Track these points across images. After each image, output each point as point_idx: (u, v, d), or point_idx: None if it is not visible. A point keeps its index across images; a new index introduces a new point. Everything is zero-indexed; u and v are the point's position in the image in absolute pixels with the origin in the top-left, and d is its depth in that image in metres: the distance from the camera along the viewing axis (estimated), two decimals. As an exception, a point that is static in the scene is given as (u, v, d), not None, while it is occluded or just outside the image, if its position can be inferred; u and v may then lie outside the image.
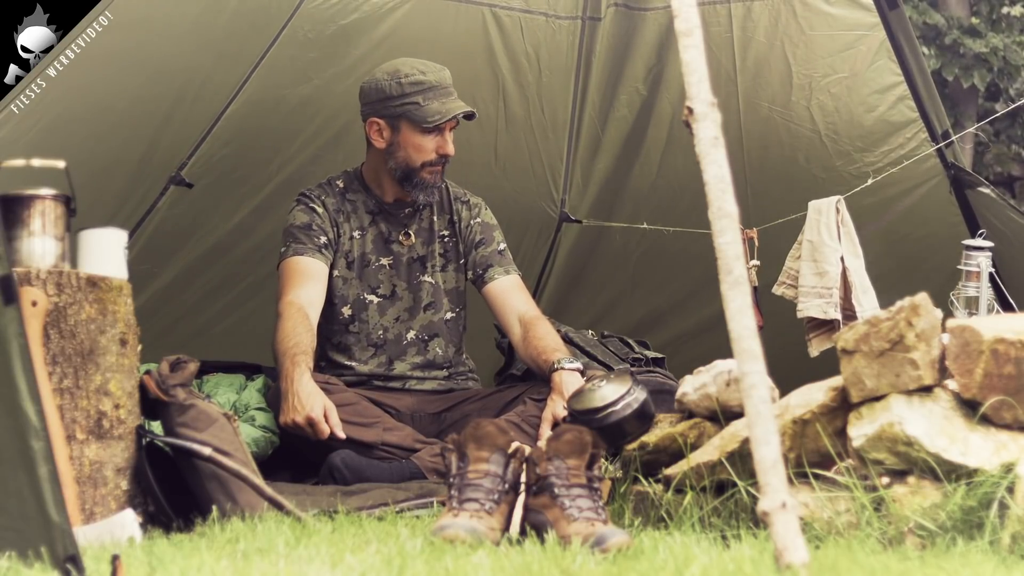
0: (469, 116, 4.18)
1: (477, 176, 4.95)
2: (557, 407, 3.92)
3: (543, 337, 4.13)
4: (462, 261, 4.33)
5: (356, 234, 4.24)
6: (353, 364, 4.21)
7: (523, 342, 4.17)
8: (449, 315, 4.30)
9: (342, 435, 3.84)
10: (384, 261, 4.25)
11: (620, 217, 5.28)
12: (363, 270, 4.24)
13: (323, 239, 4.18)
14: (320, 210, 4.21)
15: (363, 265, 4.24)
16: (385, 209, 4.27)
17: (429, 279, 4.28)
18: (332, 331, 4.23)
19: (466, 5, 4.86)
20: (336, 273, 4.21)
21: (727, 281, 2.50)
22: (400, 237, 4.26)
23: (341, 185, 4.28)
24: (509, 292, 4.28)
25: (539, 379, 4.12)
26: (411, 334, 4.25)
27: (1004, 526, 2.64)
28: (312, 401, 3.82)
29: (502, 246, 4.35)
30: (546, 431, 3.90)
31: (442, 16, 4.82)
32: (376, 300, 4.23)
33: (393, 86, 4.14)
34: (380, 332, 4.22)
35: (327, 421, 3.82)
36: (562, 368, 4.00)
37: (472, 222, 4.34)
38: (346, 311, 4.22)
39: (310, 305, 4.08)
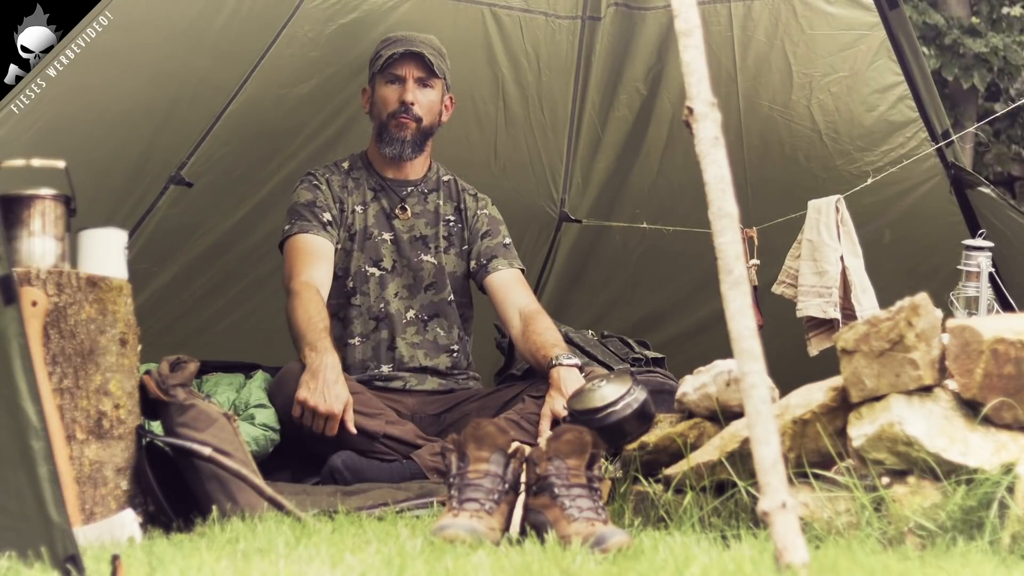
0: (419, 59, 4.24)
1: (477, 175, 4.95)
2: (556, 403, 3.92)
3: (542, 332, 4.14)
4: (465, 247, 4.35)
5: (359, 208, 4.28)
6: (355, 342, 4.21)
7: (522, 336, 4.17)
8: (451, 297, 4.31)
9: (353, 429, 3.86)
10: (386, 236, 4.29)
11: (620, 217, 5.29)
12: (365, 243, 4.27)
13: (327, 216, 4.22)
14: (324, 187, 4.27)
15: (365, 238, 4.27)
16: (387, 186, 4.31)
17: (431, 259, 4.30)
18: (335, 306, 4.25)
19: (466, 4, 4.86)
20: (339, 247, 4.24)
21: (727, 281, 2.50)
22: (397, 211, 4.29)
23: (346, 165, 4.37)
24: (511, 285, 4.29)
25: (539, 378, 4.12)
26: (411, 312, 4.26)
27: (1004, 526, 2.64)
28: (340, 396, 3.83)
29: (507, 240, 4.38)
30: (545, 427, 3.90)
31: (442, 15, 4.82)
32: (377, 273, 4.26)
33: (374, 50, 4.35)
34: (381, 305, 4.24)
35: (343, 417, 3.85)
36: (560, 364, 4.00)
37: (479, 212, 4.37)
38: (348, 284, 4.24)
39: (322, 286, 4.13)
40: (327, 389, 3.84)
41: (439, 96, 4.30)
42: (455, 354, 4.31)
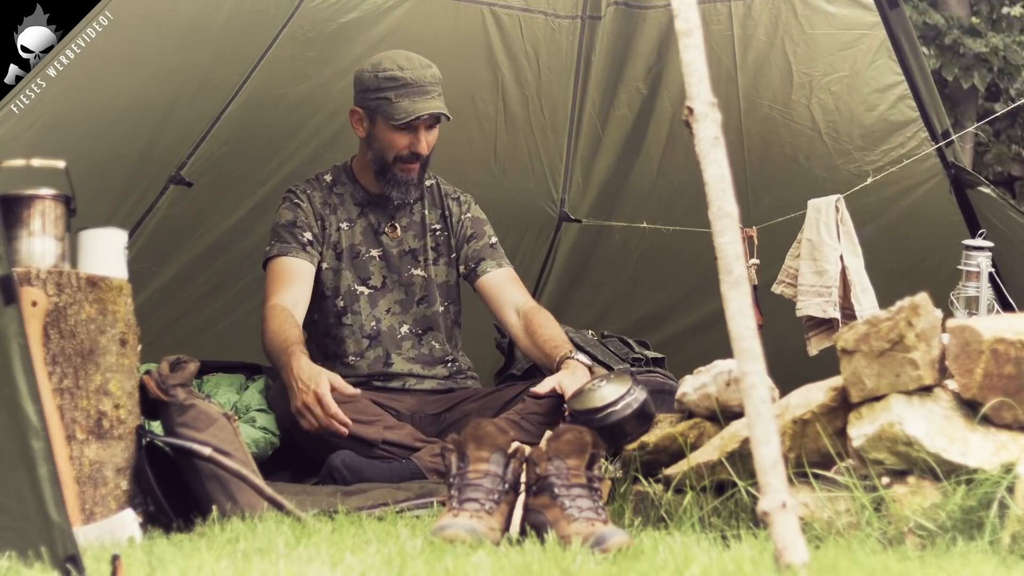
0: (441, 117, 4.15)
1: (476, 175, 4.95)
2: (565, 380, 3.86)
3: (547, 327, 4.13)
4: (453, 255, 4.33)
5: (344, 225, 4.25)
6: (351, 360, 4.21)
7: (524, 332, 4.16)
8: (441, 308, 4.30)
9: (354, 391, 3.84)
10: (374, 253, 4.26)
11: (620, 216, 5.28)
12: (353, 261, 4.25)
13: (307, 236, 4.19)
14: (305, 205, 4.22)
15: (353, 256, 4.25)
16: (373, 201, 4.28)
17: (421, 272, 4.28)
18: (327, 325, 4.24)
19: (465, 4, 4.86)
20: (325, 266, 4.22)
21: (727, 281, 2.50)
22: (386, 229, 4.27)
23: (329, 179, 4.30)
24: (503, 285, 4.28)
25: (540, 377, 4.11)
26: (405, 328, 4.25)
27: (1004, 526, 2.64)
28: (317, 378, 3.83)
29: (493, 240, 4.35)
30: (548, 386, 3.87)
31: (441, 15, 4.82)
32: (367, 291, 4.24)
33: (371, 79, 4.17)
34: (373, 323, 4.23)
35: (335, 392, 3.82)
36: (575, 358, 3.97)
37: (463, 217, 4.35)
38: (339, 303, 4.23)
39: (294, 306, 4.09)
40: (302, 382, 3.81)
41: (439, 129, 4.24)
42: (451, 363, 4.30)
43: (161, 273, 4.88)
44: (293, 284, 4.13)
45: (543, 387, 3.89)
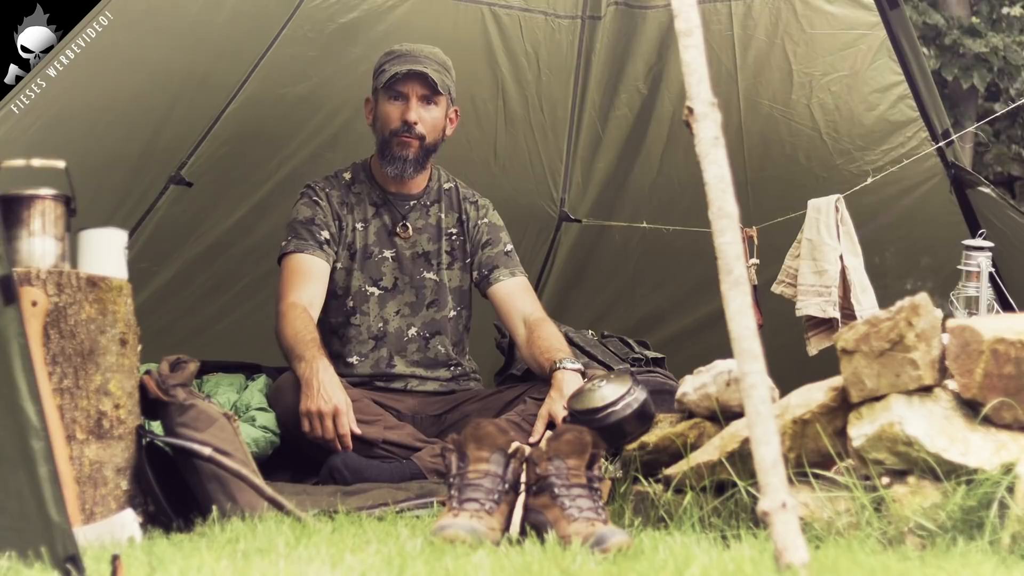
0: (423, 78, 4.15)
1: (476, 175, 4.95)
2: (555, 405, 3.90)
3: (547, 338, 4.13)
4: (468, 260, 4.33)
5: (359, 226, 4.25)
6: (354, 360, 4.21)
7: (527, 343, 4.16)
8: (452, 313, 4.29)
9: (357, 430, 3.87)
10: (387, 254, 4.26)
11: (620, 216, 5.28)
12: (365, 262, 4.24)
13: (325, 234, 4.19)
14: (323, 203, 4.23)
15: (365, 257, 4.25)
16: (388, 200, 4.28)
17: (433, 276, 4.28)
18: (335, 324, 4.24)
19: (465, 4, 4.87)
20: (339, 265, 4.22)
21: (727, 281, 2.50)
22: (399, 229, 4.27)
23: (348, 177, 4.31)
24: (515, 294, 4.27)
25: (539, 379, 4.11)
26: (412, 330, 4.25)
27: (1004, 526, 2.64)
28: (340, 394, 3.87)
29: (508, 247, 4.34)
30: (540, 428, 3.90)
31: (441, 15, 4.82)
32: (377, 292, 4.24)
33: (377, 61, 4.25)
34: (380, 324, 4.23)
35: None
36: (563, 368, 3.99)
37: (479, 222, 4.34)
38: (348, 303, 4.23)
39: (311, 305, 4.11)
40: (324, 391, 3.85)
41: (443, 112, 4.23)
42: (455, 367, 4.29)
43: (161, 273, 4.88)
44: (309, 282, 4.14)
45: (535, 435, 3.89)
